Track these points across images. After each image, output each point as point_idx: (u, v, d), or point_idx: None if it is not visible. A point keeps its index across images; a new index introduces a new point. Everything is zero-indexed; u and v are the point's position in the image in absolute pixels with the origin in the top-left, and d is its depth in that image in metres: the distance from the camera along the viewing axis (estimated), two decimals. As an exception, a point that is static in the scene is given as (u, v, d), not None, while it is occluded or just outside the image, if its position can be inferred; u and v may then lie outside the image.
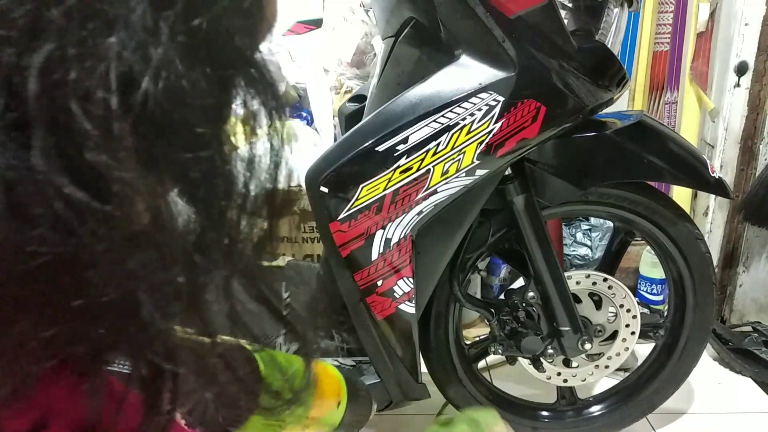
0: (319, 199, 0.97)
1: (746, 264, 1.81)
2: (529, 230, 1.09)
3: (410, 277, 1.02)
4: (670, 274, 1.25)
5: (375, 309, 1.04)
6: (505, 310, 1.19)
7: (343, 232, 0.98)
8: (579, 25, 1.04)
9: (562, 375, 1.23)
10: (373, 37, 1.63)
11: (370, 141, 0.94)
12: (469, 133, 0.93)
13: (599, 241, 1.84)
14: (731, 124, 1.72)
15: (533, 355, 1.18)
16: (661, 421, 1.42)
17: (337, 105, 1.64)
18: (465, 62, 0.94)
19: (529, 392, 1.41)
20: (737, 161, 1.75)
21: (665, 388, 1.30)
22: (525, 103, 0.92)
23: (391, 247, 0.99)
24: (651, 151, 1.08)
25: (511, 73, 0.92)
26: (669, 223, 1.16)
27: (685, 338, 1.25)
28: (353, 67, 1.66)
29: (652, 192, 1.16)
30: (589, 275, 1.18)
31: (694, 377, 1.32)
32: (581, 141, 1.06)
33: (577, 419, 1.32)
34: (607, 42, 1.04)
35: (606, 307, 1.20)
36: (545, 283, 1.12)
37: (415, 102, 0.94)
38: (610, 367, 1.23)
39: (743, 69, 1.67)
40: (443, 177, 0.95)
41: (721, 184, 1.12)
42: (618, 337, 1.21)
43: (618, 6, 1.06)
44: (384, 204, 0.96)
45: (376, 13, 1.13)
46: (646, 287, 1.81)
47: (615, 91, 1.00)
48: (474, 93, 0.92)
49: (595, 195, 1.13)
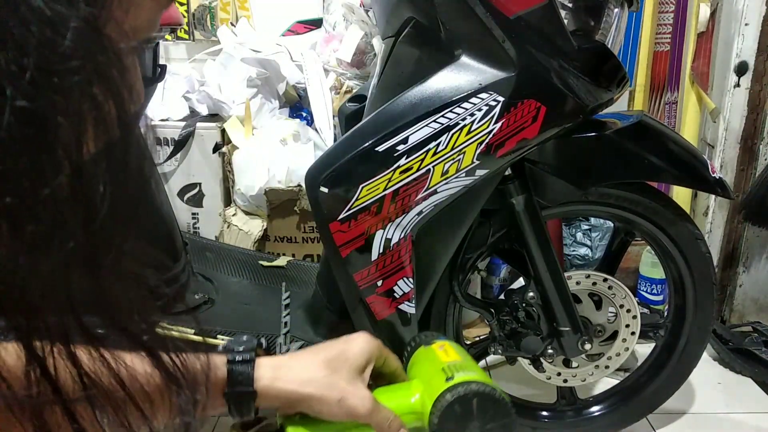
0: (319, 199, 0.97)
1: (746, 264, 1.81)
2: (529, 230, 1.09)
3: (410, 277, 1.02)
4: (670, 274, 1.25)
5: (375, 309, 1.04)
6: (505, 310, 1.19)
7: (343, 232, 0.98)
8: (579, 25, 1.04)
9: (562, 375, 1.23)
10: (373, 37, 1.63)
11: (370, 141, 0.94)
12: (469, 133, 0.93)
13: (599, 241, 1.84)
14: (731, 124, 1.72)
15: (533, 355, 1.18)
16: (661, 421, 1.41)
17: (337, 105, 1.64)
18: (465, 62, 0.94)
19: (529, 392, 1.41)
20: (737, 161, 1.75)
21: (665, 388, 1.30)
22: (525, 103, 0.92)
23: (391, 247, 0.99)
24: (651, 151, 1.08)
25: (511, 73, 0.92)
26: (669, 223, 1.16)
27: (685, 338, 1.25)
28: (353, 67, 1.66)
29: (652, 192, 1.16)
30: (589, 275, 1.18)
31: (694, 377, 1.32)
32: (581, 141, 1.06)
33: (577, 419, 1.32)
34: (607, 42, 1.04)
35: (606, 308, 1.20)
36: (545, 283, 1.12)
37: (415, 102, 0.94)
38: (610, 367, 1.23)
39: (743, 69, 1.67)
40: (443, 177, 0.95)
41: (721, 184, 1.12)
42: (618, 338, 1.21)
43: (618, 6, 1.06)
44: (384, 204, 0.96)
45: (376, 13, 1.13)
46: (646, 287, 1.81)
47: (615, 91, 1.00)
48: (474, 93, 0.92)
49: (595, 195, 1.13)
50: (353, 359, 0.53)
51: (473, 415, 0.52)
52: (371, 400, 0.51)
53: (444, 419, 0.51)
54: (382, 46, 1.09)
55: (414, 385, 0.56)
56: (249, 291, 1.39)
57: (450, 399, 0.51)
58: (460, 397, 0.51)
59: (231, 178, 1.66)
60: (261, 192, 1.59)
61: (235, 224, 1.64)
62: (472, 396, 0.51)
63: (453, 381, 0.52)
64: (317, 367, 0.52)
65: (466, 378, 0.53)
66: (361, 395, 0.51)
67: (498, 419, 0.52)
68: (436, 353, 0.59)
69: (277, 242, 1.66)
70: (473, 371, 0.54)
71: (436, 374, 0.55)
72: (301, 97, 1.81)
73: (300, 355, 0.54)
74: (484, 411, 0.52)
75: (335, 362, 0.53)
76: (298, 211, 1.59)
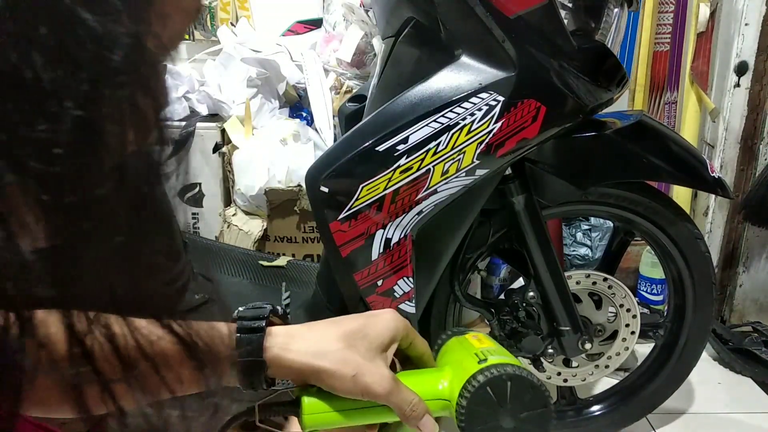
0: (319, 199, 0.97)
1: (746, 264, 1.81)
2: (529, 230, 1.09)
3: (410, 277, 1.02)
4: (670, 274, 1.25)
5: (375, 309, 1.04)
6: (505, 310, 1.19)
7: (343, 232, 0.98)
8: (579, 25, 1.04)
9: (562, 375, 1.23)
10: (373, 37, 1.63)
11: (370, 141, 0.94)
12: (469, 133, 0.93)
13: (599, 241, 1.84)
14: (731, 124, 1.72)
15: (533, 354, 1.18)
16: (661, 421, 1.42)
17: (337, 105, 1.64)
18: (465, 62, 0.94)
19: (529, 392, 1.41)
20: (737, 161, 1.75)
21: (665, 388, 1.30)
22: (525, 103, 0.92)
23: (391, 247, 0.99)
24: (651, 151, 1.08)
25: (511, 73, 0.92)
26: (669, 223, 1.16)
27: (685, 338, 1.25)
28: (353, 67, 1.66)
29: (652, 192, 1.16)
30: (589, 275, 1.18)
31: (694, 377, 1.32)
32: (581, 141, 1.06)
33: (577, 419, 1.32)
34: (607, 42, 1.04)
35: (606, 307, 1.20)
36: (545, 283, 1.12)
37: (415, 102, 0.94)
38: (610, 367, 1.23)
39: (743, 69, 1.67)
40: (443, 177, 0.95)
41: (721, 184, 1.12)
42: (618, 337, 1.21)
43: (618, 6, 1.06)
44: (384, 204, 0.96)
45: (376, 13, 1.13)
46: (646, 287, 1.81)
47: (615, 91, 1.00)
48: (474, 93, 0.92)
49: (595, 195, 1.13)
50: (375, 335, 0.50)
51: (506, 401, 0.46)
52: (390, 380, 0.47)
53: (474, 402, 0.46)
54: (382, 46, 1.09)
55: (444, 372, 0.51)
56: (249, 291, 1.39)
57: (482, 380, 0.46)
58: (493, 379, 0.46)
59: (231, 178, 1.66)
60: (261, 192, 1.59)
61: (235, 224, 1.65)
62: (507, 379, 0.46)
63: (486, 363, 0.47)
64: (333, 340, 0.49)
65: (502, 360, 0.48)
66: (380, 373, 0.47)
67: (534, 408, 0.46)
68: (470, 341, 0.54)
69: (277, 242, 1.66)
70: (509, 357, 0.49)
71: (468, 358, 0.50)
72: (301, 97, 1.81)
73: (317, 326, 0.50)
74: (519, 397, 0.46)
75: (354, 336, 0.49)
76: (298, 211, 1.59)
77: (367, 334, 0.50)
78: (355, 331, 0.50)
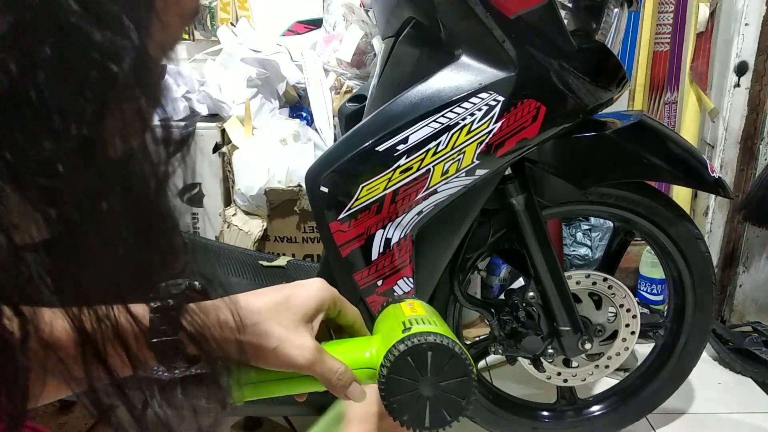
0: (319, 199, 0.97)
1: (746, 264, 1.81)
2: (529, 230, 1.09)
3: (410, 277, 1.02)
4: (670, 274, 1.25)
5: (375, 309, 1.04)
6: (505, 310, 1.19)
7: (343, 232, 0.98)
8: (579, 25, 1.04)
9: (562, 375, 1.23)
10: (373, 37, 1.63)
11: (370, 141, 0.94)
12: (469, 132, 0.93)
13: (599, 241, 1.84)
14: (731, 124, 1.72)
15: (533, 355, 1.18)
16: (661, 421, 1.42)
17: (337, 105, 1.64)
18: (465, 62, 0.94)
19: (529, 392, 1.41)
20: (737, 161, 1.75)
21: (665, 388, 1.30)
22: (525, 103, 0.92)
23: (391, 247, 0.99)
24: (651, 151, 1.08)
25: (511, 73, 0.92)
26: (669, 223, 1.16)
27: (684, 338, 1.25)
28: (353, 67, 1.66)
29: (652, 192, 1.16)
30: (589, 275, 1.18)
31: (694, 377, 1.32)
32: (581, 141, 1.06)
33: (577, 419, 1.32)
34: (607, 42, 1.04)
35: (606, 307, 1.20)
36: (545, 283, 1.12)
37: (415, 102, 0.94)
38: (610, 367, 1.23)
39: (743, 69, 1.67)
40: (443, 177, 0.95)
41: (721, 184, 1.12)
42: (618, 337, 1.21)
43: (618, 6, 1.06)
44: (384, 204, 0.96)
45: (376, 13, 1.13)
46: (646, 287, 1.81)
47: (615, 91, 1.00)
48: (474, 93, 0.92)
49: (595, 195, 1.13)
50: (299, 305, 0.49)
51: (427, 370, 0.46)
52: (313, 350, 0.47)
53: (394, 371, 0.46)
54: (382, 46, 1.09)
55: (373, 340, 0.51)
56: (249, 291, 1.38)
57: (402, 349, 0.46)
58: (413, 347, 0.46)
59: (231, 178, 1.66)
60: (261, 192, 1.59)
61: (235, 224, 1.64)
62: (427, 348, 0.46)
63: (409, 332, 0.47)
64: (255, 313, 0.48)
65: (425, 329, 0.48)
66: (301, 344, 0.47)
67: (455, 377, 0.47)
68: (403, 309, 0.54)
69: (277, 242, 1.66)
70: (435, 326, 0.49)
71: (396, 327, 0.50)
72: (301, 97, 1.81)
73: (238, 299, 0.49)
74: (439, 366, 0.46)
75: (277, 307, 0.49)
76: (298, 211, 1.59)
77: (291, 305, 0.49)
78: (278, 302, 0.49)
